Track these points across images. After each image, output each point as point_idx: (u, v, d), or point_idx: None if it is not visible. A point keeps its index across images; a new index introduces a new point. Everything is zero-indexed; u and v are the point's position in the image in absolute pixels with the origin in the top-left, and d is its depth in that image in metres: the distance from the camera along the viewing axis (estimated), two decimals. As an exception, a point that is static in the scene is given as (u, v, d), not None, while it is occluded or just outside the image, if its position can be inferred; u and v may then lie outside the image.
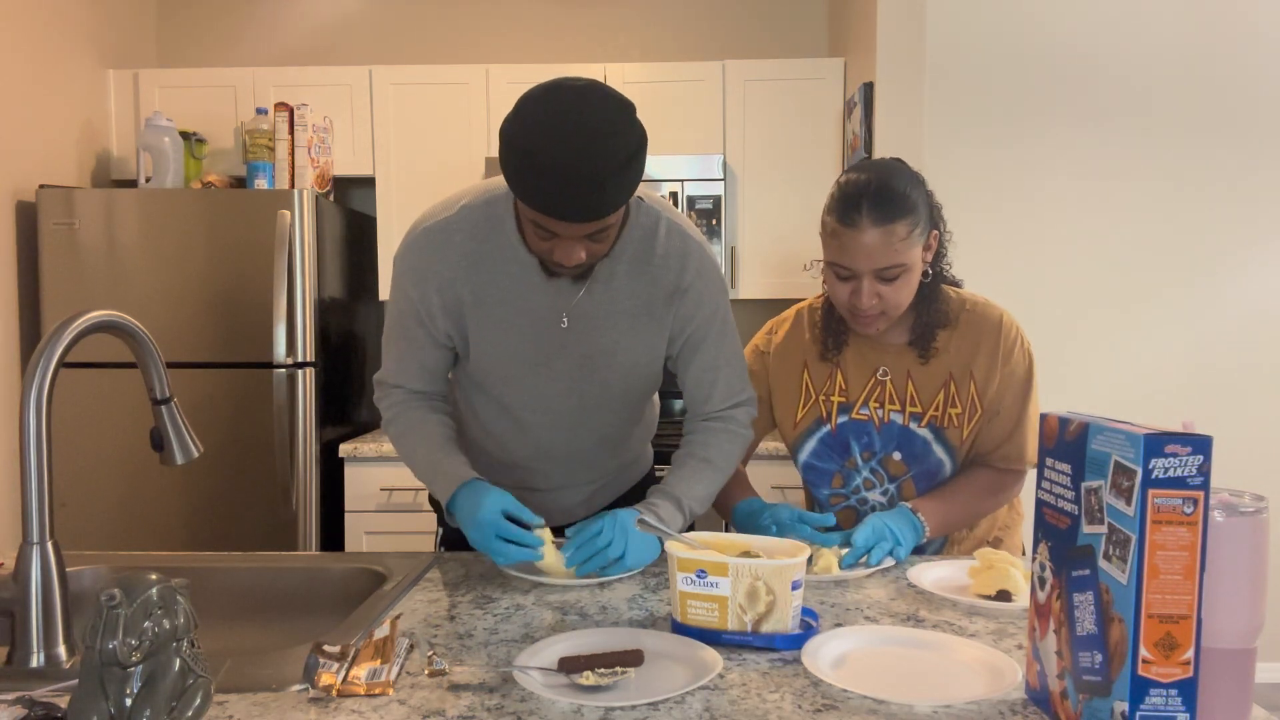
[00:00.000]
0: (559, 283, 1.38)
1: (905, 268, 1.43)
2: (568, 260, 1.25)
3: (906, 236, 1.41)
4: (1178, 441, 0.75)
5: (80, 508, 2.86)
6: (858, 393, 1.57)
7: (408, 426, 1.47)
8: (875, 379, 1.56)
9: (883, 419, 1.55)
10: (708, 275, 1.45)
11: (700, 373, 1.48)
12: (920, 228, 1.43)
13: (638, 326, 1.42)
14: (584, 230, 1.21)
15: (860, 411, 1.56)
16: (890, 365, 1.56)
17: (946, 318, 1.54)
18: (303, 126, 3.04)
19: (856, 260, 1.42)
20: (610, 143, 1.15)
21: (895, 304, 1.46)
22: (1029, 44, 3.31)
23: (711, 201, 3.14)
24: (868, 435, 1.56)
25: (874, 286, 1.43)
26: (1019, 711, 0.91)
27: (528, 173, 1.16)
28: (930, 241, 1.48)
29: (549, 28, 3.56)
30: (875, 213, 1.39)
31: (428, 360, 1.47)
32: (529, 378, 1.44)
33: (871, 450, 1.57)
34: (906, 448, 1.55)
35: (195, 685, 0.84)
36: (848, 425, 1.57)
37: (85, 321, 1.10)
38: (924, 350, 1.53)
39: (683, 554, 1.10)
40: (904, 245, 1.41)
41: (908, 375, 1.55)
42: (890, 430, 1.55)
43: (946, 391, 1.53)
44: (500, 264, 1.38)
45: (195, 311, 2.85)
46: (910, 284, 1.46)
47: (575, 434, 1.51)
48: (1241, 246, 3.34)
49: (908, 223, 1.41)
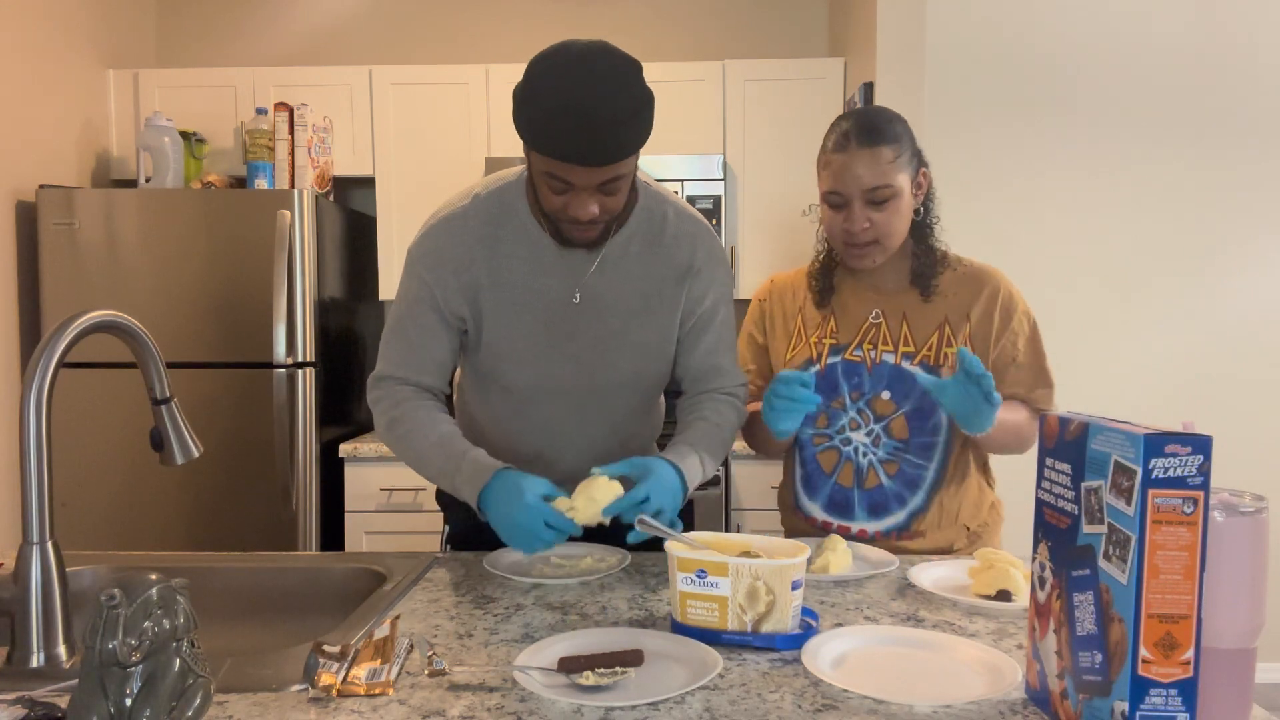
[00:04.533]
0: (571, 261, 1.41)
1: (894, 191, 1.49)
2: (582, 213, 1.27)
3: (893, 160, 1.49)
4: (1178, 441, 0.75)
5: (80, 508, 2.86)
6: (850, 335, 1.59)
7: (416, 424, 1.43)
8: (869, 321, 1.58)
9: (874, 360, 1.56)
10: (717, 259, 1.52)
11: (706, 354, 1.53)
12: (906, 157, 1.51)
13: (649, 307, 1.46)
14: (598, 178, 1.25)
15: (854, 353, 1.58)
16: (886, 307, 1.58)
17: (946, 260, 1.60)
18: (303, 126, 3.04)
19: (846, 183, 1.49)
20: (622, 88, 1.21)
21: (887, 232, 1.51)
22: (1028, 44, 3.31)
23: (711, 201, 3.14)
24: (858, 376, 1.57)
25: (865, 212, 1.50)
26: (1019, 711, 0.91)
27: (543, 119, 1.21)
28: (920, 179, 1.55)
29: (549, 28, 3.56)
30: (862, 137, 1.49)
31: (438, 351, 1.47)
32: (541, 360, 1.45)
33: (860, 391, 1.57)
34: (897, 386, 1.55)
35: (195, 685, 0.84)
36: (838, 366, 1.58)
37: (85, 321, 1.10)
38: (925, 289, 1.57)
39: (683, 554, 1.10)
40: (891, 169, 1.49)
41: (903, 316, 1.57)
42: (881, 370, 1.56)
43: (941, 333, 1.56)
44: (514, 246, 1.42)
45: (195, 311, 2.85)
46: (900, 213, 1.52)
47: (585, 421, 1.51)
48: (1241, 245, 3.34)
49: (893, 148, 1.49)
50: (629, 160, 1.26)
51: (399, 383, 1.47)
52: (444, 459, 1.40)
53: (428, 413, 1.44)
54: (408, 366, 1.47)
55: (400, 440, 1.45)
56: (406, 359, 1.47)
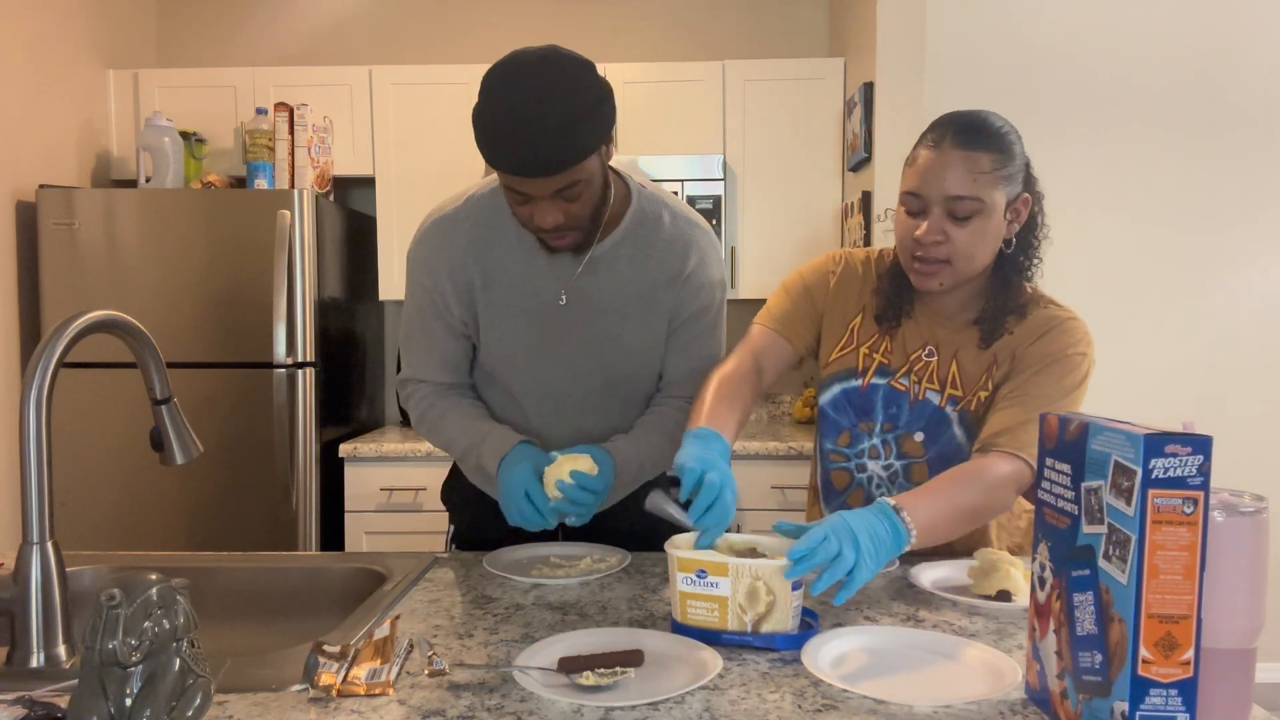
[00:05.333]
0: (560, 264, 1.42)
1: (981, 205, 1.29)
2: (545, 222, 1.27)
3: (990, 171, 1.28)
4: (1178, 441, 0.75)
5: (80, 508, 2.86)
6: (900, 361, 1.44)
7: (443, 411, 1.50)
8: (922, 355, 1.43)
9: (917, 396, 1.42)
10: (710, 265, 1.49)
11: (677, 356, 1.51)
12: (1008, 171, 1.30)
13: (641, 310, 1.46)
14: (552, 186, 1.23)
15: (899, 381, 1.43)
16: (942, 342, 1.42)
17: (1021, 307, 1.38)
18: (303, 126, 3.04)
19: (929, 184, 1.30)
20: (564, 93, 1.18)
21: (963, 253, 1.31)
22: (1029, 44, 3.31)
23: (711, 201, 3.14)
24: (897, 407, 1.44)
25: (943, 223, 1.30)
26: (1019, 711, 0.91)
27: (488, 134, 1.20)
28: (1018, 205, 1.34)
29: (549, 28, 3.56)
30: (962, 136, 1.29)
31: (448, 353, 1.50)
32: (535, 362, 1.46)
33: (895, 423, 1.44)
34: (932, 430, 1.42)
35: (195, 685, 0.84)
36: (881, 389, 1.45)
37: (85, 321, 1.10)
38: (990, 333, 1.38)
39: (683, 554, 1.10)
40: (986, 179, 1.28)
41: (955, 356, 1.41)
42: (921, 409, 1.42)
43: (990, 375, 1.39)
44: (506, 248, 1.43)
45: (195, 311, 2.85)
46: (985, 234, 1.31)
47: (581, 424, 1.52)
48: (1241, 246, 3.34)
49: (995, 157, 1.29)
50: (583, 165, 1.22)
51: (419, 383, 1.54)
52: (469, 436, 1.46)
53: (452, 402, 1.51)
54: (426, 369, 1.52)
55: (431, 430, 1.52)
56: (424, 362, 1.52)
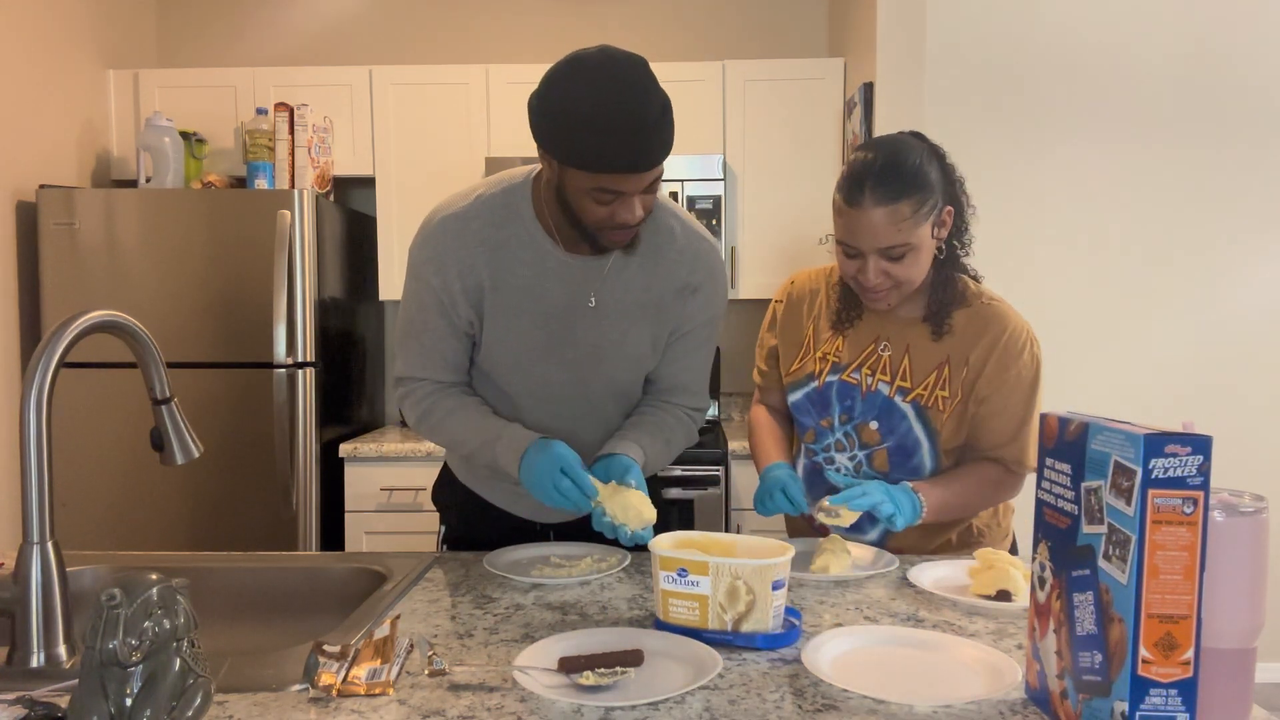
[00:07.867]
0: (574, 268, 1.40)
1: (911, 247, 1.42)
2: (631, 217, 1.28)
3: (911, 216, 1.40)
4: (1177, 441, 0.75)
5: (80, 508, 2.86)
6: (853, 355, 1.56)
7: (450, 409, 1.47)
8: (875, 349, 1.55)
9: (869, 387, 1.54)
10: (717, 280, 1.51)
11: (678, 370, 1.52)
12: (929, 205, 1.42)
13: (647, 319, 1.45)
14: (648, 180, 1.25)
15: (851, 375, 1.55)
16: (894, 337, 1.55)
17: (964, 297, 1.53)
18: (303, 126, 3.04)
19: (861, 239, 1.42)
20: (654, 86, 1.22)
21: (905, 280, 1.46)
22: (1029, 44, 3.31)
23: (711, 201, 3.13)
24: (851, 399, 1.55)
25: (880, 265, 1.43)
26: (1019, 711, 0.91)
27: (593, 137, 1.19)
28: (943, 218, 1.47)
29: (549, 28, 3.56)
30: (879, 191, 1.39)
31: (450, 352, 1.48)
32: (538, 366, 1.45)
33: (850, 414, 1.55)
34: (885, 419, 1.53)
35: (195, 685, 0.84)
36: (835, 385, 1.56)
37: (85, 321, 1.10)
38: (937, 327, 1.52)
39: (665, 553, 1.10)
40: (909, 225, 1.40)
41: (907, 349, 1.53)
42: (873, 399, 1.54)
43: (939, 374, 1.51)
44: (518, 251, 1.41)
45: (195, 311, 2.85)
46: (919, 262, 1.45)
47: (577, 425, 1.52)
48: (1241, 245, 3.34)
49: (913, 201, 1.40)
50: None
51: (419, 381, 1.51)
52: (482, 434, 1.44)
53: (455, 399, 1.49)
54: (425, 368, 1.49)
55: (434, 429, 1.50)
56: (423, 361, 1.49)
